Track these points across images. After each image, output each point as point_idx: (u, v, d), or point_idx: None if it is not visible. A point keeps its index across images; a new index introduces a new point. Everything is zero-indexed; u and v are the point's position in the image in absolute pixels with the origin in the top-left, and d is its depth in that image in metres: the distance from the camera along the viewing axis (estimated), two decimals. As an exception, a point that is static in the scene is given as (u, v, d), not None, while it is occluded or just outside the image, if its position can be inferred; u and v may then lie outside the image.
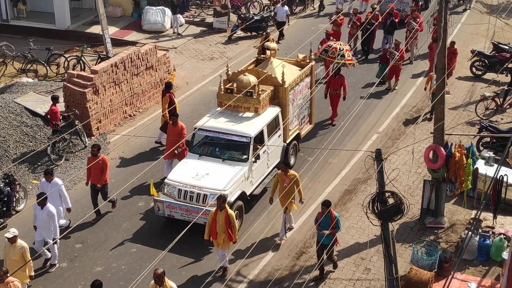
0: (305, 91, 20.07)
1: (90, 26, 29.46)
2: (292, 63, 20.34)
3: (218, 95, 18.45)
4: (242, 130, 17.42)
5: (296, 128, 19.71)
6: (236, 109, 18.08)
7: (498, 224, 16.50)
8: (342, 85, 21.58)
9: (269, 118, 18.14)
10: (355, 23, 27.37)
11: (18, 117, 20.12)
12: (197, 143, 17.95)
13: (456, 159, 16.48)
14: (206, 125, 17.39)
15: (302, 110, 20.02)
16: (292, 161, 19.47)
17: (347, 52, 21.16)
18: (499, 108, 22.74)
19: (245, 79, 18.11)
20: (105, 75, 21.39)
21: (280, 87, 18.61)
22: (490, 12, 31.63)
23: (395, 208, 12.04)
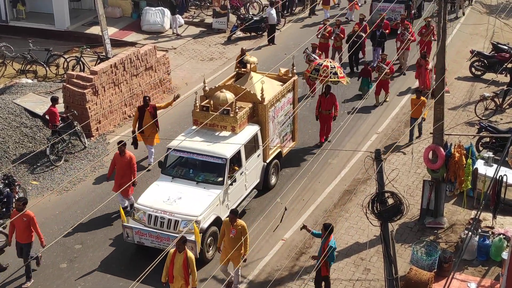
0: (287, 107, 19.08)
1: (89, 27, 29.46)
2: (274, 77, 19.32)
3: (193, 113, 17.52)
4: (218, 151, 16.48)
5: (277, 146, 18.78)
6: (212, 127, 17.13)
7: (498, 224, 16.51)
8: (333, 104, 20.53)
9: (247, 137, 17.18)
10: (339, 35, 26.19)
11: (18, 118, 20.11)
12: (170, 164, 16.95)
13: (456, 159, 16.49)
14: (179, 145, 16.40)
15: (284, 127, 19.06)
16: (273, 181, 18.70)
17: (339, 69, 20.11)
18: (498, 108, 22.74)
19: (221, 96, 17.25)
20: (104, 75, 21.39)
21: (259, 104, 17.68)
22: (489, 12, 31.65)
23: (395, 208, 12.04)
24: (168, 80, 24.54)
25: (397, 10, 29.03)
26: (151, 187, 16.45)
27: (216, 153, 16.45)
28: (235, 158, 16.71)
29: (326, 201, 18.31)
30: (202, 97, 18.15)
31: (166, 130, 21.23)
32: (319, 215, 17.63)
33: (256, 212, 17.65)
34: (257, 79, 18.23)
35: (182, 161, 17.02)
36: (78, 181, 18.98)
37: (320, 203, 18.25)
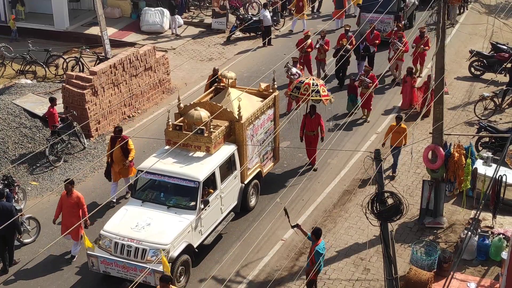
0: (268, 124, 18.11)
1: (88, 27, 29.44)
2: (254, 93, 18.36)
3: (166, 132, 16.54)
4: (190, 173, 15.50)
5: (257, 166, 17.81)
6: (186, 148, 16.15)
7: (497, 224, 16.51)
8: (319, 125, 19.25)
9: (222, 158, 16.25)
10: (323, 47, 24.69)
11: (17, 119, 20.11)
12: (141, 187, 16.02)
13: (455, 159, 16.50)
14: (150, 166, 15.33)
15: (264, 146, 18.15)
16: (252, 202, 17.80)
17: (321, 87, 18.81)
18: (497, 108, 22.74)
19: (196, 114, 16.22)
20: (103, 76, 21.38)
21: (236, 123, 16.72)
22: (488, 12, 31.65)
23: (394, 208, 12.05)
24: (168, 81, 24.54)
25: (385, 21, 27.67)
26: (119, 212, 15.54)
27: (188, 176, 15.47)
28: (209, 180, 15.75)
29: (326, 201, 18.31)
30: (177, 114, 17.23)
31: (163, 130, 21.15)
32: (319, 215, 17.63)
33: (256, 213, 17.64)
34: (236, 95, 17.26)
35: (153, 184, 16.08)
36: (78, 181, 18.96)
37: (320, 203, 18.25)
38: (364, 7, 28.66)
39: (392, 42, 24.95)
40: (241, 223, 17.25)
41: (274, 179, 19.12)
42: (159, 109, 22.93)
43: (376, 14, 25.11)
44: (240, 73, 26.15)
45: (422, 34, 24.75)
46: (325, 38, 24.94)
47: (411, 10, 30.25)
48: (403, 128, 18.16)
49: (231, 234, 16.88)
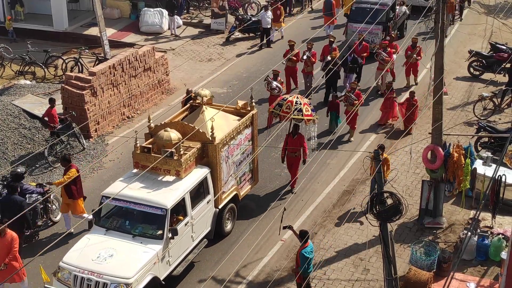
0: (245, 144, 17.22)
1: (88, 28, 29.44)
2: (231, 111, 17.35)
3: (134, 155, 15.46)
4: (157, 200, 14.47)
5: (233, 189, 16.77)
6: (155, 171, 15.04)
7: (497, 224, 16.51)
8: (301, 146, 18.09)
9: (193, 182, 15.21)
10: (310, 59, 23.49)
11: (16, 119, 20.11)
12: (105, 214, 14.99)
13: (455, 159, 16.51)
14: (115, 192, 14.24)
15: (241, 167, 17.12)
16: (228, 227, 16.84)
17: (305, 106, 17.71)
18: (497, 108, 22.75)
19: (165, 135, 15.20)
20: (103, 77, 21.38)
21: (209, 144, 15.72)
22: (487, 13, 31.67)
23: (394, 208, 12.05)
24: (167, 81, 24.54)
25: (374, 32, 26.53)
26: (81, 241, 14.51)
27: (155, 203, 14.44)
28: (178, 207, 14.80)
29: (325, 202, 18.31)
30: (147, 134, 16.13)
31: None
32: (318, 215, 17.64)
33: (256, 213, 17.64)
34: (210, 114, 16.27)
35: (118, 210, 15.03)
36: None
37: (319, 203, 18.25)
38: (351, 18, 27.69)
39: (377, 53, 24.12)
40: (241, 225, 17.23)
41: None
42: (159, 110, 22.93)
43: (363, 24, 23.89)
44: (240, 73, 26.20)
45: (414, 43, 24.13)
46: (312, 50, 23.75)
47: (402, 19, 29.30)
48: (385, 158, 16.49)
49: (231, 235, 16.87)
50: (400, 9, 29.06)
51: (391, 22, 27.81)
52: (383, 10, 26.74)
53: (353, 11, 27.77)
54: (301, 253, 13.97)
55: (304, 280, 14.08)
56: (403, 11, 29.31)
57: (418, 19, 24.24)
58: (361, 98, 20.89)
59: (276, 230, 16.73)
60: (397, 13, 28.64)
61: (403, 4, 29.48)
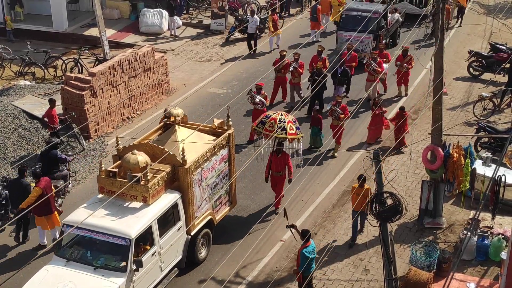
0: (221, 166, 16.09)
1: (87, 29, 29.44)
2: (206, 131, 16.27)
3: (98, 179, 14.44)
4: (120, 229, 13.48)
5: (207, 213, 15.73)
6: (121, 197, 13.96)
7: (497, 224, 16.52)
8: (286, 165, 17.25)
9: (162, 208, 14.21)
10: (297, 70, 22.71)
11: (16, 120, 20.11)
12: (66, 244, 13.96)
13: (454, 160, 16.50)
14: (76, 219, 13.41)
15: (216, 190, 16.04)
16: (202, 254, 15.78)
17: (289, 124, 16.76)
18: (496, 109, 22.76)
19: (132, 159, 14.11)
20: (102, 77, 21.38)
21: (180, 168, 14.68)
22: (487, 13, 31.67)
23: (394, 208, 12.06)
24: (167, 82, 24.54)
25: (364, 41, 25.27)
26: (39, 274, 13.50)
27: (118, 232, 13.45)
28: (145, 236, 13.82)
29: (325, 202, 18.31)
30: (115, 156, 15.21)
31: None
32: (318, 216, 17.63)
33: (257, 214, 17.64)
34: (183, 134, 15.40)
35: (80, 240, 14.01)
36: (77, 183, 18.95)
37: (319, 204, 18.25)
38: (341, 26, 26.85)
39: (366, 63, 23.20)
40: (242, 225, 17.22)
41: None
42: (158, 110, 22.92)
43: (353, 33, 23.62)
44: (239, 74, 26.20)
45: (405, 52, 23.30)
46: (299, 61, 22.86)
47: (394, 27, 28.43)
48: (366, 189, 15.69)
49: (230, 235, 16.86)
50: (392, 17, 28.23)
51: (383, 31, 26.91)
52: (374, 18, 25.44)
53: (343, 19, 26.90)
54: (302, 253, 13.98)
55: (304, 280, 14.08)
56: (396, 18, 28.48)
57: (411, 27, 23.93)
58: (347, 111, 20.15)
59: (276, 230, 16.77)
60: (389, 20, 27.75)
61: (396, 11, 28.69)
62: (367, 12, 25.94)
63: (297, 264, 14.28)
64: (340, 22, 27.18)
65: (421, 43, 25.12)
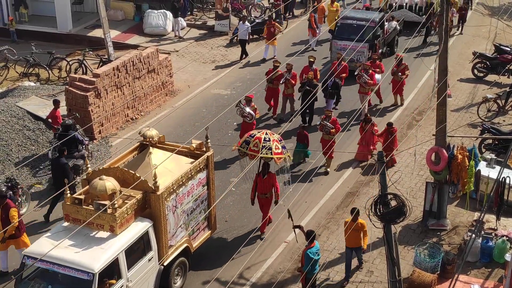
0: (198, 190, 15.13)
1: (92, 30, 29.49)
2: (184, 152, 15.32)
3: (64, 206, 13.52)
4: (83, 262, 12.57)
5: (183, 241, 14.78)
6: (87, 225, 12.94)
7: (501, 226, 16.49)
8: (273, 186, 16.42)
9: (131, 239, 13.29)
10: (289, 81, 22.01)
11: (20, 121, 20.14)
12: (27, 277, 13.06)
13: (458, 161, 16.48)
14: (38, 251, 12.65)
15: (193, 216, 15.13)
16: (178, 284, 14.90)
17: (274, 143, 15.87)
18: (501, 110, 22.72)
19: (99, 185, 13.17)
20: (107, 78, 21.41)
21: (152, 194, 13.74)
22: (491, 14, 31.61)
23: (398, 210, 12.04)
24: (171, 83, 24.56)
25: (360, 50, 24.05)
26: None
27: (80, 265, 12.56)
28: (110, 268, 12.90)
29: (329, 204, 18.30)
30: (84, 181, 14.31)
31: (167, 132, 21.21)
32: (322, 217, 17.62)
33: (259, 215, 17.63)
34: (158, 157, 14.55)
35: (41, 273, 13.12)
36: (81, 183, 18.97)
37: (323, 205, 18.24)
38: (336, 34, 26.12)
39: (358, 75, 22.31)
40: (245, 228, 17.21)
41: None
42: (162, 112, 22.95)
43: (348, 42, 23.12)
44: (243, 75, 26.20)
45: (400, 61, 22.45)
46: (292, 71, 22.13)
47: (392, 35, 27.56)
48: (361, 224, 15.08)
49: (234, 236, 16.86)
50: (389, 25, 27.46)
51: (379, 40, 26.03)
52: (370, 27, 24.49)
53: (338, 28, 26.16)
54: (306, 253, 13.98)
55: (307, 281, 14.07)
56: (393, 26, 27.60)
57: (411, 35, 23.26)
58: (338, 125, 19.52)
59: (280, 231, 16.75)
60: (386, 29, 26.97)
61: (393, 19, 27.90)
62: (362, 20, 25.34)
63: (302, 265, 14.28)
64: (335, 30, 26.49)
65: (420, 50, 25.05)
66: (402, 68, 22.82)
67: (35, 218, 17.23)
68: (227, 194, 16.07)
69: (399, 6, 30.43)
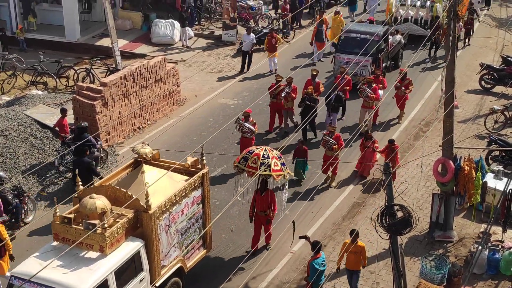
0: (193, 209, 14.74)
1: (99, 39, 29.60)
2: (179, 170, 15.00)
3: (53, 225, 13.14)
4: (70, 284, 12.18)
5: (176, 261, 14.42)
6: (77, 245, 12.38)
7: (508, 238, 16.42)
8: (271, 204, 16.12)
9: (121, 259, 12.89)
10: (290, 95, 21.75)
11: (28, 129, 20.20)
12: None
13: (465, 173, 16.44)
14: (26, 271, 12.31)
15: (187, 235, 14.74)
16: None
17: (273, 160, 15.51)
18: (508, 122, 22.68)
19: (89, 204, 12.77)
20: (114, 87, 21.47)
21: (144, 213, 13.36)
22: (499, 26, 31.63)
23: (404, 221, 12.02)
24: (178, 92, 24.62)
25: (363, 64, 23.80)
26: None
27: (68, 287, 12.19)
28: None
29: (335, 214, 18.27)
30: (75, 199, 13.82)
31: (174, 142, 21.27)
32: (328, 227, 17.59)
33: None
34: (151, 175, 14.19)
35: None
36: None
37: (329, 216, 18.21)
38: (339, 48, 25.72)
39: (360, 89, 22.01)
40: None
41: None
42: (169, 121, 22.99)
43: (352, 55, 22.90)
44: (250, 85, 26.24)
45: (404, 76, 22.08)
46: (292, 85, 21.89)
47: (396, 49, 27.27)
48: (360, 246, 14.84)
49: (240, 246, 16.84)
50: (394, 38, 27.18)
51: (383, 54, 25.68)
52: (374, 41, 24.18)
53: (341, 41, 25.73)
54: (311, 264, 13.95)
55: None
56: (398, 40, 27.33)
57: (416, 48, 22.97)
58: (341, 142, 19.14)
59: (285, 241, 16.72)
60: (390, 42, 26.66)
61: (398, 32, 27.63)
62: (366, 34, 25.15)
63: (307, 274, 14.25)
64: (338, 44, 26.10)
65: (426, 64, 24.97)
66: (406, 83, 22.58)
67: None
68: (233, 204, 15.99)
69: (404, 19, 30.14)
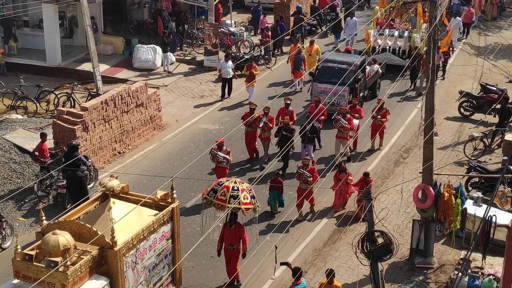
0: (162, 244, 14.19)
1: (81, 64, 29.54)
2: (149, 204, 14.40)
3: (13, 262, 12.53)
4: None
5: None
6: (38, 283, 11.81)
7: (487, 264, 16.45)
8: (240, 238, 15.76)
9: None
10: (267, 125, 21.47)
11: (7, 154, 20.04)
12: None
13: (445, 199, 16.51)
14: None
15: (156, 272, 14.18)
16: None
17: (243, 193, 15.14)
18: (487, 149, 22.87)
19: (52, 240, 12.19)
20: (95, 112, 21.39)
21: (109, 250, 12.78)
22: (478, 54, 32.02)
23: (385, 247, 12.03)
24: (159, 117, 24.58)
25: (341, 94, 23.16)
26: None
27: None
28: None
29: (316, 240, 18.23)
30: (38, 234, 13.20)
31: (155, 166, 21.18)
32: (309, 254, 17.53)
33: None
34: (118, 209, 13.70)
35: None
36: (66, 217, 18.80)
37: (310, 241, 18.16)
38: (317, 77, 25.44)
39: (335, 119, 21.70)
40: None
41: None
42: (150, 146, 22.92)
43: (329, 85, 22.97)
44: (231, 110, 26.24)
45: (382, 105, 22.04)
46: (269, 115, 21.59)
47: (374, 79, 27.16)
48: (337, 287, 14.59)
49: (220, 272, 16.71)
50: (371, 68, 27.05)
51: (360, 83, 25.55)
52: (351, 71, 23.48)
53: (319, 70, 25.50)
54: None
55: None
56: (375, 70, 27.18)
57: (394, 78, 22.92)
58: (316, 174, 18.90)
59: (266, 268, 16.63)
60: (367, 72, 26.65)
61: (375, 62, 27.44)
62: (343, 64, 25.02)
63: None
64: (315, 73, 25.82)
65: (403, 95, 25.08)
66: (383, 113, 22.45)
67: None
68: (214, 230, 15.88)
69: (382, 49, 30.14)
